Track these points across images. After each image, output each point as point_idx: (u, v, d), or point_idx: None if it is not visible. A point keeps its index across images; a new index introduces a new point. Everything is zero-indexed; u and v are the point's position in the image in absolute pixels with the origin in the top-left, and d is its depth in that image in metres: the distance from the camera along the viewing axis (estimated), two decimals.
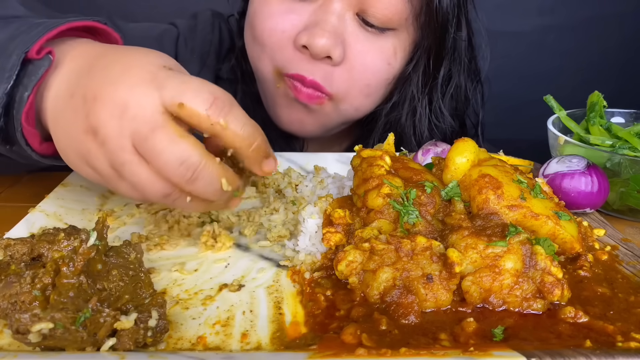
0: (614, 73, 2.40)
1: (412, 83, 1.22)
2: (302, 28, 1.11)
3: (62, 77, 0.73)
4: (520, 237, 0.68)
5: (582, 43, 2.38)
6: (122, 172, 0.66)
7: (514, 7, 2.34)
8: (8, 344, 0.60)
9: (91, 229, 0.67)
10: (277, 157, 1.14)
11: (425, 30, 1.17)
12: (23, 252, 0.68)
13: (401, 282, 0.67)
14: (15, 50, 0.73)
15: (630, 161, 0.98)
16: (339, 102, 1.18)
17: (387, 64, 1.17)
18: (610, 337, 0.61)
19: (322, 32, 1.08)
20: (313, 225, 0.81)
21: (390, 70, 1.19)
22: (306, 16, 1.11)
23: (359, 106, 1.22)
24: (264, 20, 1.15)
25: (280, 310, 0.68)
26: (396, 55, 1.17)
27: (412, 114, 1.26)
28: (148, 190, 0.67)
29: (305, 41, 1.09)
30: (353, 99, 1.19)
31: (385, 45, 1.15)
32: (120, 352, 0.57)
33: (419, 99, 1.23)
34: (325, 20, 1.09)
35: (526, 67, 2.39)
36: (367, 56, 1.13)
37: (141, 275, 0.68)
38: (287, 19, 1.12)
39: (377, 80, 1.18)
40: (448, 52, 1.21)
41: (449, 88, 1.27)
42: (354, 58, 1.13)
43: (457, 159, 0.80)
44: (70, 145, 0.70)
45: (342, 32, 1.11)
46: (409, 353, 0.56)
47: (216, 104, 0.64)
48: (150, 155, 0.64)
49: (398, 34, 1.15)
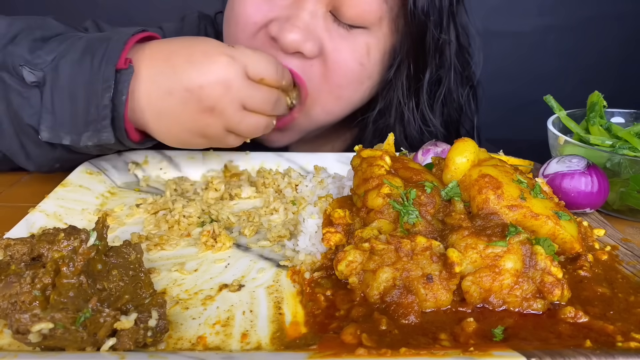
0: (614, 73, 2.40)
1: (397, 88, 1.21)
2: (273, 18, 1.11)
3: (146, 81, 0.91)
4: (520, 237, 0.68)
5: (582, 43, 2.38)
6: (238, 128, 0.96)
7: (514, 8, 2.35)
8: (8, 344, 0.60)
9: (91, 229, 0.67)
10: (277, 157, 1.17)
11: (404, 33, 1.16)
12: (23, 252, 0.68)
13: (401, 282, 0.67)
14: (103, 63, 0.89)
15: (630, 161, 0.98)
16: (309, 107, 1.16)
17: (360, 64, 1.15)
18: (610, 337, 0.61)
19: (292, 27, 1.08)
20: (313, 225, 0.81)
21: (364, 72, 1.17)
22: (278, 9, 1.12)
23: (330, 110, 1.20)
24: (238, 13, 1.15)
25: (280, 310, 0.68)
26: (369, 56, 1.16)
27: (400, 119, 1.25)
28: (260, 127, 1.00)
29: (275, 33, 1.10)
30: (323, 101, 1.17)
31: (358, 44, 1.13)
32: (120, 352, 0.57)
33: (405, 104, 1.22)
34: (297, 16, 1.09)
35: (526, 67, 2.40)
36: (340, 54, 1.13)
37: (141, 275, 0.68)
38: (260, 10, 1.13)
39: (348, 81, 1.16)
40: (431, 56, 1.19)
41: (439, 93, 1.26)
42: (327, 54, 1.12)
43: (457, 159, 0.80)
44: (183, 127, 0.94)
45: (315, 29, 1.10)
46: (409, 353, 0.56)
47: (279, 68, 1.00)
48: (254, 105, 0.96)
49: (371, 33, 1.14)
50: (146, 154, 1.13)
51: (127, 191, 1.05)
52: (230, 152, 1.17)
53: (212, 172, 1.13)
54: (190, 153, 1.15)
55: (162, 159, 1.14)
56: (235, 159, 1.16)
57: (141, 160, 1.13)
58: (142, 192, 1.06)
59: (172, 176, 1.12)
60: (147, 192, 1.06)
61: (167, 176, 1.12)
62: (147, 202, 0.97)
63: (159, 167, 1.13)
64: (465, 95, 1.31)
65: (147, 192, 1.06)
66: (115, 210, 0.96)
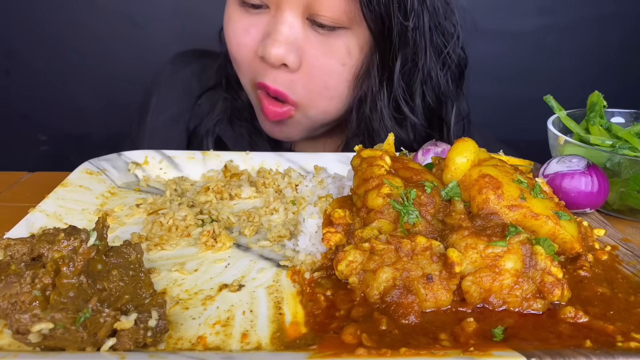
0: (614, 73, 2.40)
1: (370, 77, 1.22)
2: (260, 40, 1.17)
3: None
4: (520, 237, 0.68)
5: (582, 43, 2.38)
6: None
7: (514, 7, 2.34)
8: (8, 344, 0.60)
9: (91, 229, 0.67)
10: (277, 157, 1.18)
11: (370, 23, 1.16)
12: (23, 252, 0.68)
13: (401, 282, 0.67)
14: None
15: (630, 161, 0.98)
16: (306, 109, 1.23)
17: (342, 64, 1.19)
18: (610, 337, 0.61)
19: (273, 42, 1.14)
20: (313, 225, 0.81)
21: (348, 70, 1.20)
22: (262, 28, 1.17)
23: (325, 109, 1.25)
24: (231, 38, 1.23)
25: (280, 310, 0.68)
26: (350, 55, 1.19)
27: (374, 108, 1.26)
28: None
29: (261, 52, 1.16)
30: (317, 103, 1.23)
31: (337, 46, 1.17)
32: (120, 352, 0.57)
33: (378, 92, 1.24)
34: (277, 30, 1.14)
35: (526, 67, 2.39)
36: (320, 59, 1.17)
37: (141, 275, 0.68)
38: (248, 34, 1.19)
39: (334, 82, 1.21)
40: (397, 42, 1.18)
41: (416, 77, 1.25)
42: (310, 62, 1.17)
43: (457, 159, 0.80)
44: None
45: (296, 39, 1.15)
46: (409, 353, 0.56)
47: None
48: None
49: (350, 32, 1.16)
50: (146, 154, 1.13)
51: (127, 191, 1.05)
52: (230, 152, 1.17)
53: (212, 172, 1.13)
54: (190, 153, 1.16)
55: (162, 159, 1.14)
56: (235, 159, 1.16)
57: (141, 160, 1.13)
58: (142, 192, 1.06)
59: (172, 176, 1.12)
60: (147, 192, 1.06)
61: (167, 176, 1.12)
62: (147, 202, 0.97)
63: (159, 167, 1.13)
64: (444, 76, 1.29)
65: (147, 192, 1.06)
66: (115, 210, 0.96)
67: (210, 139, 1.38)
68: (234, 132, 1.41)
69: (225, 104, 1.41)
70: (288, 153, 1.20)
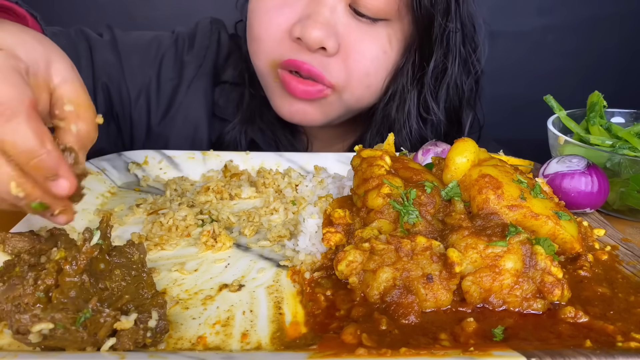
0: (614, 73, 2.40)
1: (402, 75, 1.23)
2: (296, 21, 1.13)
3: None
4: (520, 237, 0.68)
5: (582, 43, 2.38)
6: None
7: (514, 7, 2.34)
8: (8, 344, 0.60)
9: (95, 228, 0.67)
10: (278, 157, 1.17)
11: (414, 21, 1.17)
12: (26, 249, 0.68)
13: (401, 282, 0.67)
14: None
15: (630, 161, 0.98)
16: (341, 91, 1.20)
17: (384, 52, 1.18)
18: (610, 337, 0.61)
19: (314, 23, 1.10)
20: (313, 225, 0.81)
21: (388, 59, 1.19)
22: (299, 9, 1.14)
23: (360, 96, 1.23)
24: (260, 16, 1.18)
25: (280, 310, 0.68)
26: (392, 45, 1.18)
27: (402, 106, 1.26)
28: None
29: (299, 33, 1.12)
30: (354, 89, 1.20)
31: (379, 35, 1.16)
32: (120, 352, 0.57)
33: (409, 91, 1.24)
34: (318, 12, 1.11)
35: (526, 67, 2.39)
36: (361, 45, 1.15)
37: (143, 275, 0.68)
38: (282, 13, 1.15)
39: (375, 69, 1.19)
40: (437, 44, 1.20)
41: (444, 81, 1.27)
42: (349, 47, 1.14)
43: (457, 159, 0.80)
44: None
45: (335, 24, 1.12)
46: (409, 353, 0.56)
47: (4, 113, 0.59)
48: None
49: (391, 24, 1.16)
50: (146, 154, 1.13)
51: (127, 191, 1.05)
52: (230, 152, 1.17)
53: (212, 172, 1.13)
54: (190, 153, 1.16)
55: (162, 159, 1.14)
56: (235, 159, 1.16)
57: (141, 160, 1.13)
58: (142, 192, 1.06)
59: (172, 176, 1.12)
60: (147, 192, 1.06)
61: (167, 176, 1.12)
62: (147, 202, 0.97)
63: (159, 167, 1.13)
64: (468, 84, 1.32)
65: (147, 192, 1.06)
66: (115, 210, 0.96)
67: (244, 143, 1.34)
68: (264, 133, 1.36)
69: (253, 102, 1.35)
70: (288, 153, 1.20)
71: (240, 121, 1.35)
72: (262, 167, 1.16)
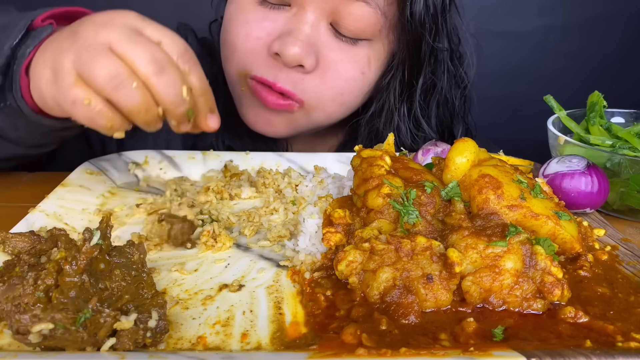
0: (614, 73, 2.40)
1: (390, 92, 1.22)
2: (276, 36, 1.13)
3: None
4: (520, 237, 0.68)
5: (582, 43, 2.38)
6: (88, 65, 0.71)
7: (515, 7, 2.34)
8: (8, 344, 0.60)
9: (95, 228, 0.67)
10: (278, 157, 1.18)
11: (401, 41, 1.17)
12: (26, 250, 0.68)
13: (401, 282, 0.67)
14: (23, 20, 0.86)
15: (630, 161, 0.98)
16: (311, 110, 1.19)
17: (361, 73, 1.18)
18: (610, 337, 0.61)
19: (294, 40, 1.09)
20: (313, 225, 0.81)
21: (365, 80, 1.19)
22: (280, 24, 1.13)
23: (331, 114, 1.23)
24: (238, 26, 1.17)
25: (280, 310, 0.68)
26: (370, 65, 1.18)
27: (389, 123, 1.26)
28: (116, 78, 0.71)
29: (277, 49, 1.11)
30: (325, 107, 1.20)
31: (359, 55, 1.16)
32: (120, 352, 0.57)
33: (397, 108, 1.24)
34: (299, 29, 1.10)
35: (526, 67, 2.39)
36: (339, 64, 1.15)
37: (143, 275, 0.68)
38: (262, 27, 1.14)
39: (350, 89, 1.19)
40: (426, 62, 1.21)
41: (433, 96, 1.27)
42: (327, 66, 1.14)
43: (457, 159, 0.80)
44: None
45: (316, 42, 1.12)
46: (409, 353, 0.56)
47: (186, 54, 0.77)
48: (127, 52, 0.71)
49: (372, 45, 1.16)
50: (146, 154, 1.13)
51: (127, 191, 1.05)
52: (230, 152, 1.17)
53: (212, 172, 1.13)
54: (190, 153, 1.16)
55: (162, 159, 1.14)
56: (235, 159, 1.16)
57: (141, 160, 1.13)
58: (142, 192, 1.06)
59: (172, 176, 1.12)
60: (147, 192, 1.06)
61: (167, 176, 1.12)
62: (147, 202, 0.97)
63: (159, 167, 1.13)
64: (458, 96, 1.33)
65: (147, 192, 1.06)
66: (115, 210, 0.96)
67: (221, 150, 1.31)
68: (241, 138, 1.34)
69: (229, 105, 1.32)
70: (288, 153, 1.20)
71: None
72: (262, 167, 1.16)
